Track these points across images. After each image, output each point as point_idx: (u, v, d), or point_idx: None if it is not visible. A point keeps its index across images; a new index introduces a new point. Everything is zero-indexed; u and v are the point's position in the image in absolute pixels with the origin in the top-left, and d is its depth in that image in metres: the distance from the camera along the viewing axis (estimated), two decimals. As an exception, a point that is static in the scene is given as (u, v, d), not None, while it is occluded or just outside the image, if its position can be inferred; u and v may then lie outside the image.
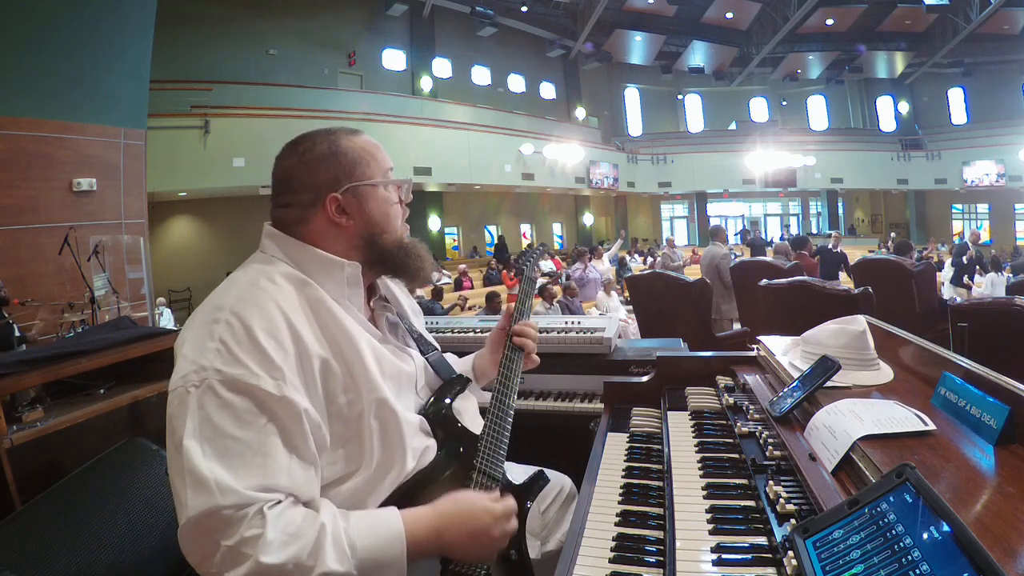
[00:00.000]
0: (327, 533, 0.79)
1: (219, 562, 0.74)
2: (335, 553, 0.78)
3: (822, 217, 20.45)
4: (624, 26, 17.19)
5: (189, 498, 0.75)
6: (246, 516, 0.74)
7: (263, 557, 0.73)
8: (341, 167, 0.97)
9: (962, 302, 3.26)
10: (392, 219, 1.02)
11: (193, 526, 0.75)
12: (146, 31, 5.39)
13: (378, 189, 0.99)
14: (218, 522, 0.74)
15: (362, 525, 0.83)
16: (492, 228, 17.20)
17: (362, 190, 0.97)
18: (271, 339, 0.83)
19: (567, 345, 2.08)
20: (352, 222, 0.97)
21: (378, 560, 0.81)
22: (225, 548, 0.73)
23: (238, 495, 0.75)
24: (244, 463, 0.77)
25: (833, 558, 0.63)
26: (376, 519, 0.85)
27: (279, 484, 0.79)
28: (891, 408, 0.91)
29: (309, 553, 0.76)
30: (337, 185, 0.96)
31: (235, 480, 0.75)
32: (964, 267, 7.60)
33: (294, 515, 0.78)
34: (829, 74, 19.63)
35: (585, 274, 7.58)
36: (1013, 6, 14.92)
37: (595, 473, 1.15)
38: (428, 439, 1.01)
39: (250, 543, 0.73)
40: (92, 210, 5.20)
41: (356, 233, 0.98)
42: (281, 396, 0.81)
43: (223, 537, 0.74)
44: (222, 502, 0.74)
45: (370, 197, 0.98)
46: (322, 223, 0.97)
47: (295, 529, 0.77)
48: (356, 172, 0.97)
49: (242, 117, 9.93)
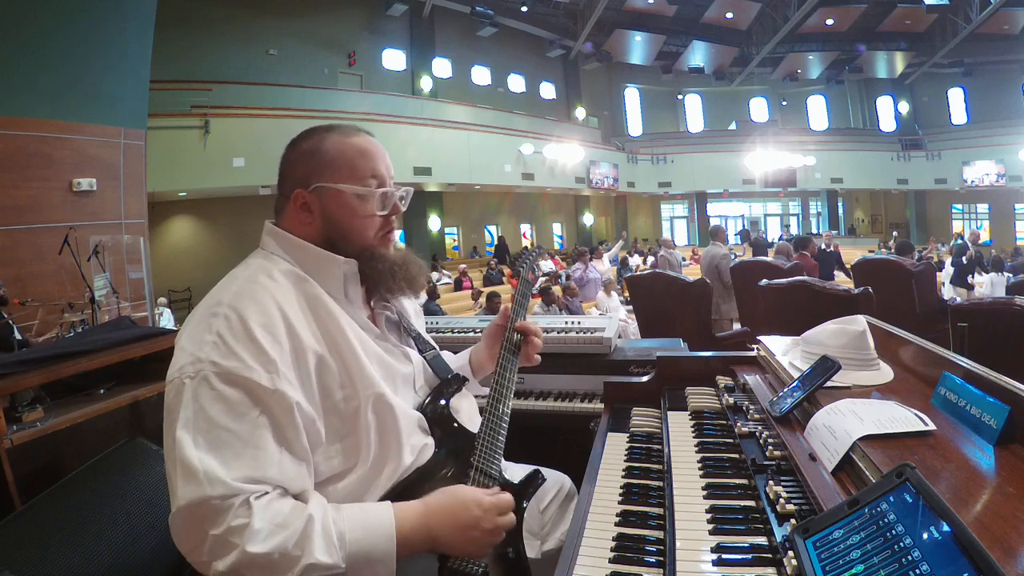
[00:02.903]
0: (315, 523, 0.79)
1: (208, 551, 0.75)
2: (323, 544, 0.78)
3: (822, 217, 20.44)
4: (624, 26, 17.19)
5: (179, 487, 0.76)
6: (232, 506, 0.75)
7: (249, 546, 0.74)
8: (314, 166, 0.98)
9: (962, 302, 3.26)
10: (358, 228, 0.99)
11: (183, 515, 0.76)
12: (146, 31, 5.40)
13: (344, 195, 0.97)
14: (206, 511, 0.75)
15: (353, 518, 0.83)
16: (492, 228, 17.20)
17: (328, 192, 0.97)
18: (267, 333, 0.84)
19: (567, 345, 2.08)
20: (313, 221, 0.98)
21: (367, 553, 0.81)
22: (213, 537, 0.74)
23: (225, 486, 0.76)
24: (235, 454, 0.78)
25: (833, 558, 0.63)
26: (366, 512, 0.85)
27: (268, 476, 0.79)
28: (891, 408, 0.91)
29: (295, 543, 0.76)
30: (307, 182, 0.97)
31: (225, 471, 0.76)
32: (964, 267, 7.60)
33: (281, 506, 0.79)
34: (829, 74, 19.61)
35: (585, 274, 7.58)
36: (1013, 6, 14.91)
37: (595, 473, 1.15)
38: (426, 437, 1.01)
39: (236, 532, 0.74)
40: (92, 210, 5.21)
41: (316, 232, 0.99)
42: (274, 389, 0.82)
43: (211, 526, 0.75)
44: (210, 492, 0.75)
45: (334, 200, 0.98)
46: (291, 216, 0.99)
47: (282, 519, 0.77)
48: (326, 174, 0.97)
49: (242, 117, 9.93)
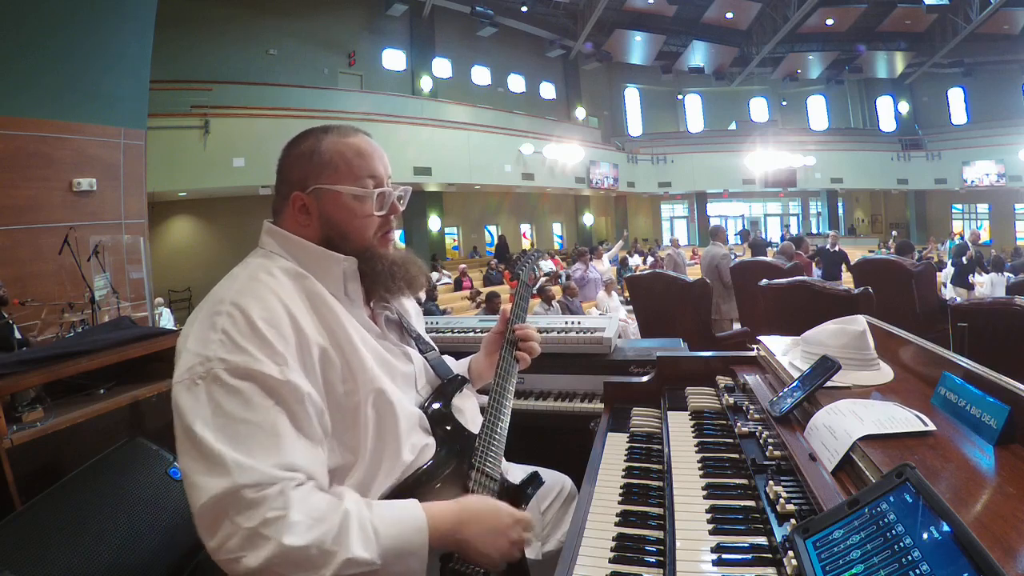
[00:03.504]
0: (352, 518, 0.78)
1: (238, 546, 0.72)
2: (360, 539, 0.77)
3: (822, 217, 20.44)
4: (624, 26, 17.18)
5: (205, 481, 0.74)
6: (267, 497, 0.73)
7: (287, 539, 0.72)
8: (311, 168, 0.98)
9: (962, 302, 3.26)
10: (356, 228, 1.00)
11: (211, 508, 0.73)
12: (146, 31, 5.40)
13: (342, 196, 0.98)
14: (238, 502, 0.73)
15: (385, 514, 0.83)
16: (492, 228, 17.19)
17: (325, 193, 0.98)
18: (271, 327, 0.84)
19: (567, 345, 2.08)
20: (311, 222, 0.99)
21: (401, 549, 0.81)
22: (245, 530, 0.72)
23: (258, 472, 0.74)
24: (259, 444, 0.77)
25: (833, 558, 0.63)
26: (399, 509, 0.85)
27: (297, 463, 0.78)
28: (891, 408, 0.91)
29: (334, 538, 0.75)
30: (304, 184, 0.98)
31: (253, 460, 0.75)
32: (965, 267, 7.60)
33: (319, 499, 0.78)
34: (829, 74, 19.61)
35: (585, 274, 7.58)
36: (1013, 6, 14.91)
37: (595, 473, 1.15)
38: (427, 437, 1.01)
39: (272, 524, 0.72)
40: (92, 210, 5.21)
41: (315, 234, 0.99)
42: (285, 380, 0.82)
43: (243, 519, 0.72)
44: (241, 480, 0.73)
45: (331, 201, 0.98)
46: (290, 218, 0.99)
47: (320, 513, 0.76)
48: (323, 175, 0.97)
49: (242, 117, 9.92)
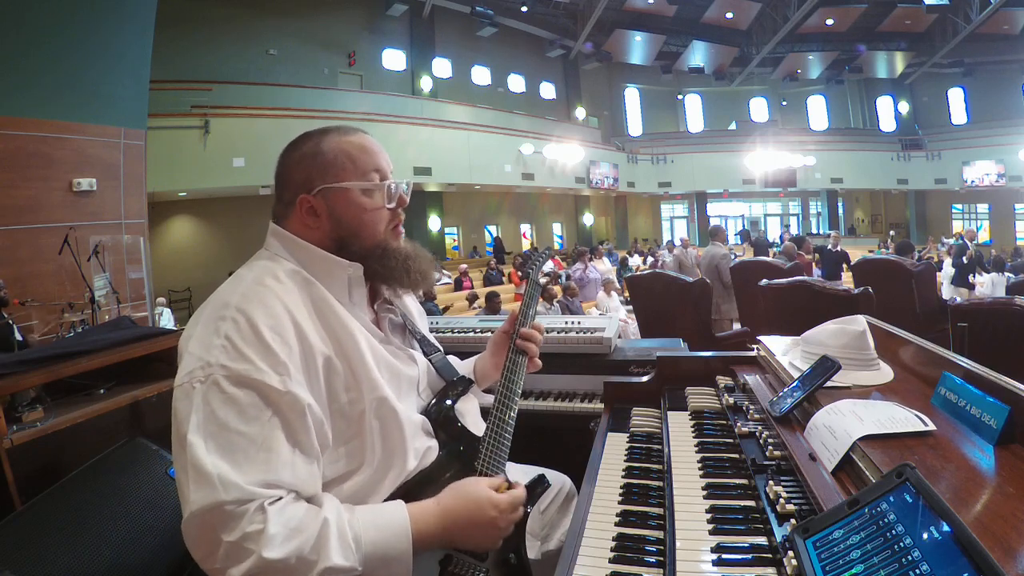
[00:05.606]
0: (331, 527, 0.78)
1: (223, 557, 0.74)
2: (339, 547, 0.78)
3: (822, 217, 20.43)
4: (624, 26, 17.18)
5: (192, 492, 0.75)
6: (247, 511, 0.74)
7: (266, 552, 0.73)
8: (316, 168, 0.97)
9: (962, 302, 3.26)
10: (369, 223, 0.99)
11: (196, 521, 0.75)
12: (146, 31, 5.40)
13: (351, 192, 0.97)
14: (220, 517, 0.74)
15: (367, 519, 0.83)
16: (492, 228, 17.19)
17: (334, 192, 0.96)
18: (276, 335, 0.83)
19: (567, 345, 2.08)
20: (321, 224, 0.97)
21: (384, 554, 0.81)
22: (228, 543, 0.74)
23: (240, 490, 0.75)
24: (248, 458, 0.77)
25: (833, 558, 0.63)
26: (381, 513, 0.85)
27: (282, 480, 0.79)
28: (891, 408, 0.91)
29: (312, 547, 0.76)
30: (310, 186, 0.96)
31: (238, 475, 0.76)
32: (965, 267, 7.60)
33: (296, 510, 0.78)
34: (829, 74, 19.61)
35: (585, 274, 7.58)
36: (1013, 6, 14.91)
37: (595, 473, 1.15)
38: (430, 440, 1.01)
39: (252, 538, 0.73)
40: (92, 210, 5.21)
41: (326, 235, 0.97)
42: (286, 391, 0.81)
43: (225, 532, 0.74)
44: (224, 497, 0.74)
45: (340, 200, 0.97)
46: (297, 222, 0.98)
47: (297, 523, 0.77)
48: (329, 174, 0.96)
49: (242, 117, 9.92)
